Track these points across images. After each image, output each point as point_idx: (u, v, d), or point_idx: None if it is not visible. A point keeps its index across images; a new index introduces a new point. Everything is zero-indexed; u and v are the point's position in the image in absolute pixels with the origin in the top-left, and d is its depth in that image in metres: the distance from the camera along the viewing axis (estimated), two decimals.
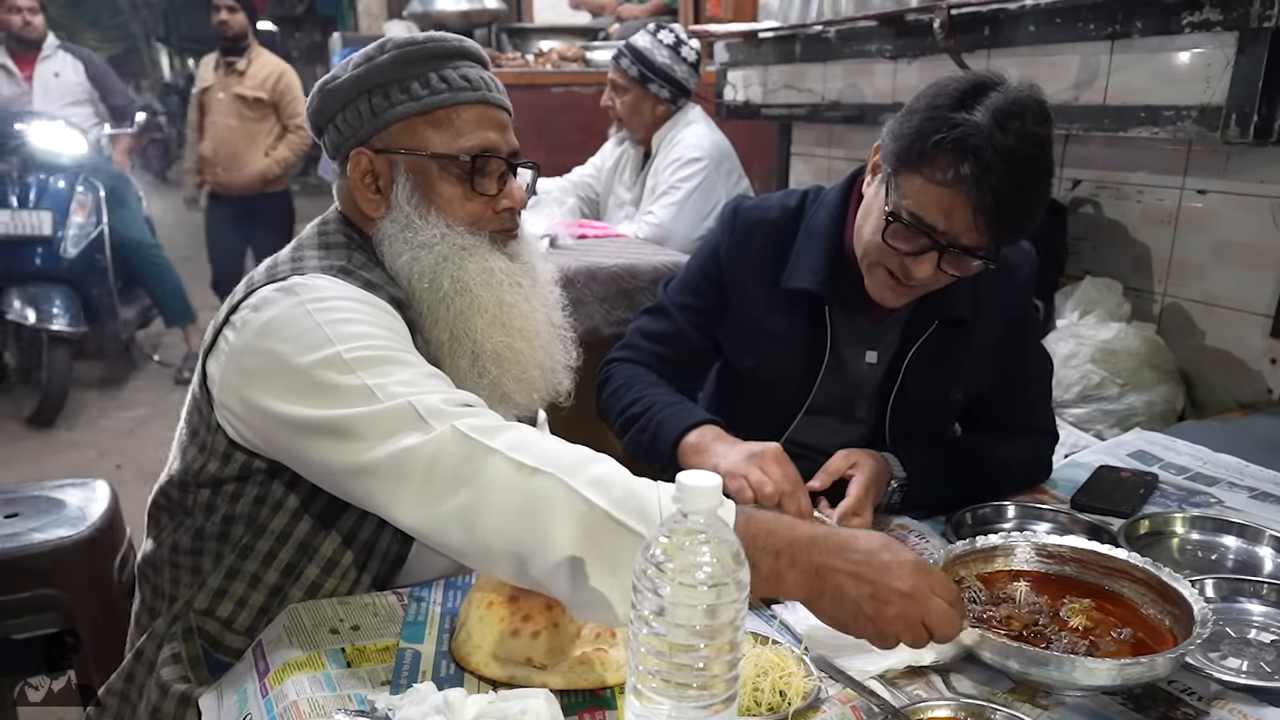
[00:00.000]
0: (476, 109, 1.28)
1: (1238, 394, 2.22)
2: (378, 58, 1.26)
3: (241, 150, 5.32)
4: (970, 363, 1.56)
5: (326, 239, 1.30)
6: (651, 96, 3.07)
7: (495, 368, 1.28)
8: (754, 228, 1.61)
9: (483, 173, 1.28)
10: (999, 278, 1.50)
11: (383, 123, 1.26)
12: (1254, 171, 2.11)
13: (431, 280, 1.25)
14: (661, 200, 3.01)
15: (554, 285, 1.42)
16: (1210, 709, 1.00)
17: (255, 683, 1.08)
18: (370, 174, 1.28)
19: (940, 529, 1.42)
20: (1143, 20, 2.16)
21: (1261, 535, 1.35)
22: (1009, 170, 1.27)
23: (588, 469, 0.99)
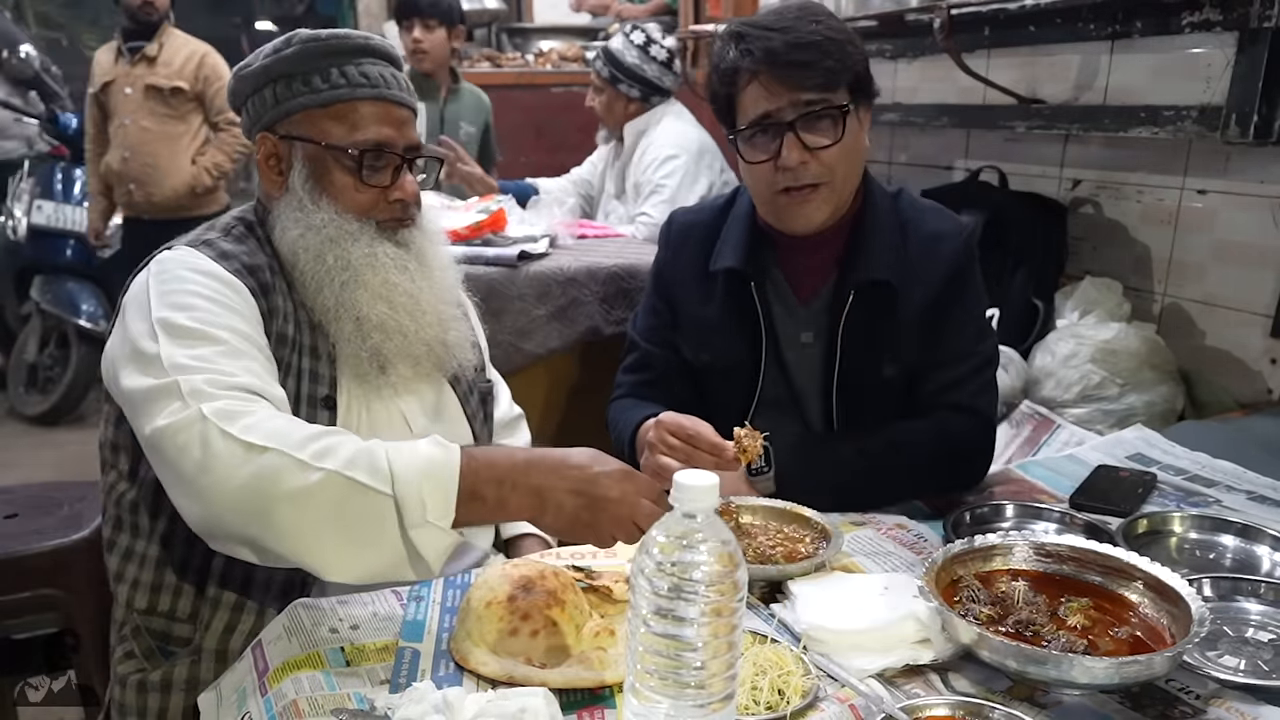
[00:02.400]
0: (373, 105, 1.33)
1: (1238, 394, 2.21)
2: (284, 50, 1.33)
3: (161, 158, 4.15)
4: (898, 333, 1.56)
5: (219, 220, 1.40)
6: (623, 96, 3.15)
7: (379, 334, 1.34)
8: (688, 231, 1.71)
9: (374, 166, 1.34)
10: (926, 243, 1.57)
11: (284, 111, 1.33)
12: (1254, 171, 2.11)
13: (316, 255, 1.33)
14: (651, 200, 3.03)
15: (451, 270, 1.48)
16: (1208, 708, 1.00)
17: (254, 681, 1.08)
18: (274, 157, 1.36)
19: (939, 529, 1.42)
20: (1143, 20, 2.16)
21: (1260, 535, 1.34)
22: (770, 32, 1.44)
23: (317, 442, 1.07)
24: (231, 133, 4.22)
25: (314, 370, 1.32)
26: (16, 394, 4.90)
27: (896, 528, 1.44)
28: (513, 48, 5.47)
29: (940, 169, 3.07)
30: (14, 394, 4.91)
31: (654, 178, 3.04)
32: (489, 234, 2.51)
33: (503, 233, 2.53)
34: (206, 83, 4.17)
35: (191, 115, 4.21)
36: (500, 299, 2.34)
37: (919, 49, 2.98)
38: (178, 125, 4.18)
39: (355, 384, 1.36)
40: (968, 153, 2.95)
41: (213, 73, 4.17)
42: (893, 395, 1.62)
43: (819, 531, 1.35)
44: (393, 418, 1.39)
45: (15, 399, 4.89)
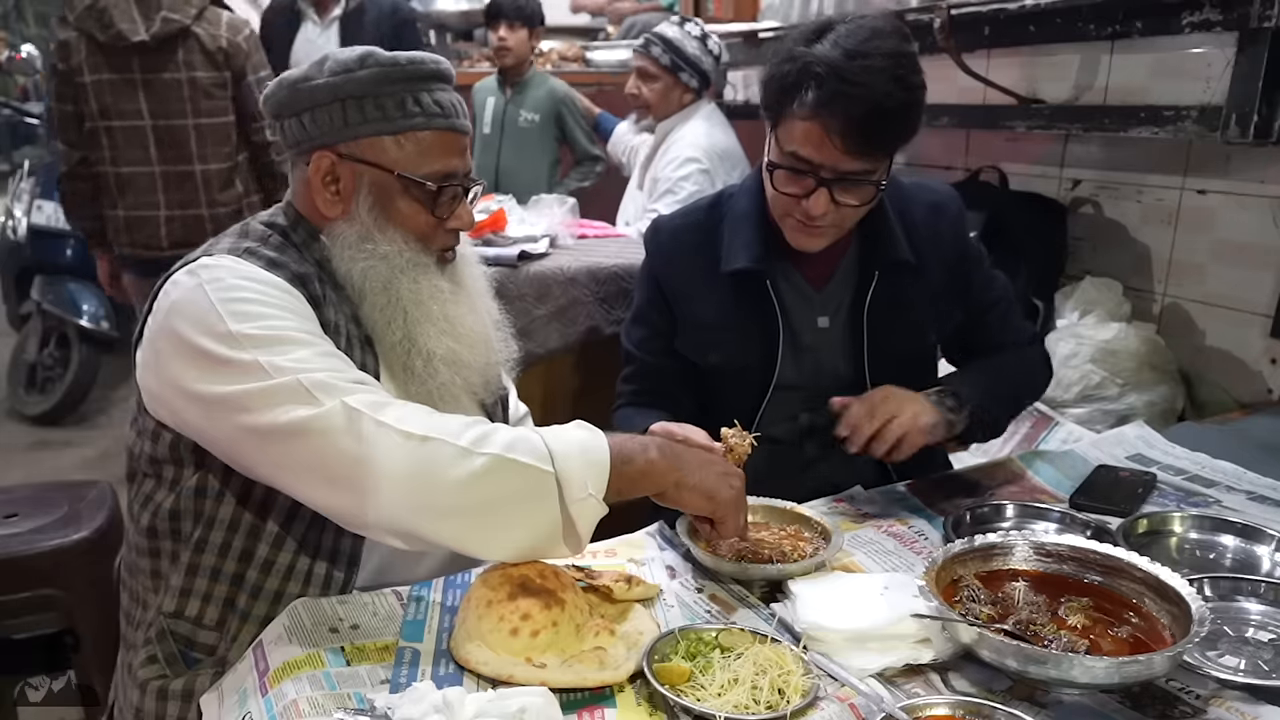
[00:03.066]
0: (444, 135, 1.31)
1: (1238, 394, 2.22)
2: (357, 71, 1.27)
3: None
4: (930, 304, 1.62)
5: (248, 227, 1.34)
6: (681, 85, 3.10)
7: (447, 369, 1.32)
8: (677, 234, 1.68)
9: (443, 197, 1.32)
10: (929, 219, 1.61)
11: (353, 134, 1.28)
12: (1254, 171, 2.11)
13: (385, 287, 1.29)
14: (664, 199, 3.02)
15: (490, 296, 1.49)
16: (1208, 707, 1.00)
17: (255, 681, 1.08)
18: (331, 176, 1.30)
19: (939, 529, 1.42)
20: (1143, 20, 2.16)
21: (1260, 534, 1.34)
22: (853, 87, 1.34)
23: (471, 430, 1.10)
24: None
25: None
26: (16, 394, 4.90)
27: (897, 524, 1.44)
28: None
29: (940, 169, 3.07)
30: (14, 394, 4.91)
31: (671, 176, 3.02)
32: (489, 234, 2.51)
33: (503, 233, 2.53)
34: None
35: None
36: (500, 299, 2.31)
37: (919, 49, 2.98)
38: None
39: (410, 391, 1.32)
40: (968, 153, 2.95)
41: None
42: (928, 361, 1.71)
43: (819, 531, 1.35)
44: None
45: (15, 399, 4.90)
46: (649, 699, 1.02)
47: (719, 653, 1.06)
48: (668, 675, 1.01)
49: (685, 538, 1.31)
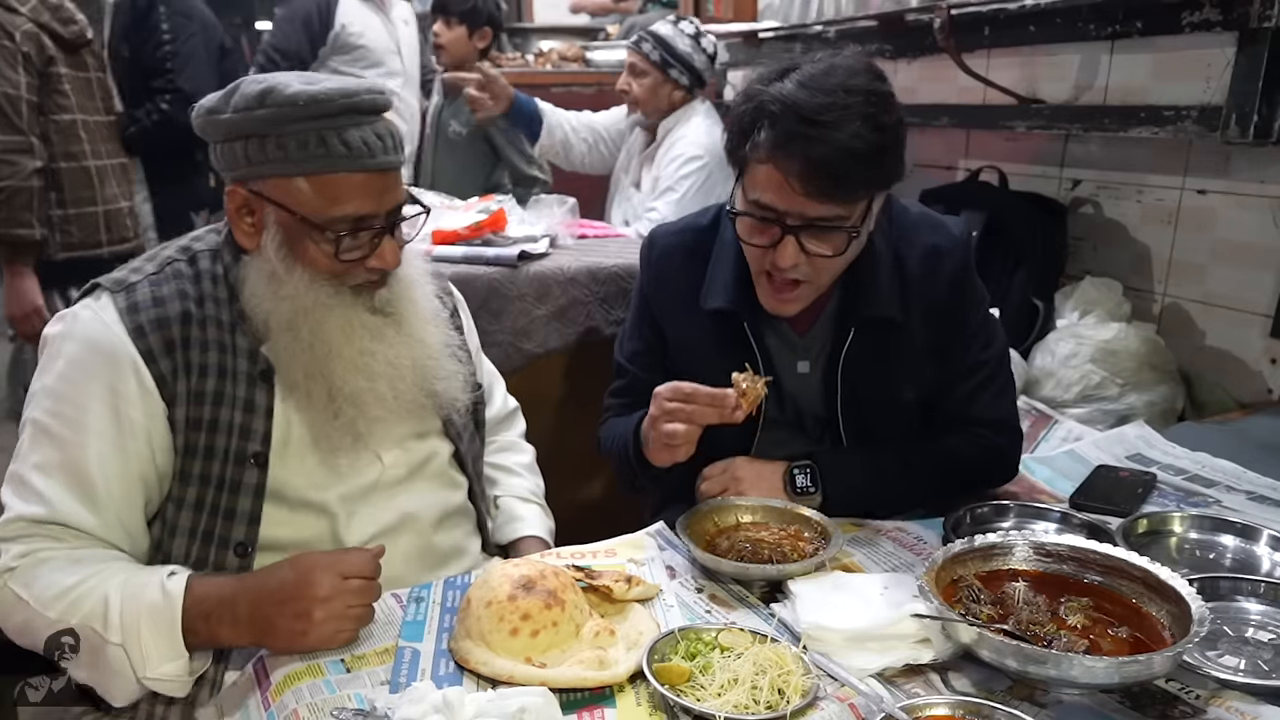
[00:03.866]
0: (353, 177, 1.24)
1: (1238, 394, 2.22)
2: (256, 110, 1.21)
3: None
4: (913, 361, 1.50)
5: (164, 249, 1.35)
6: (670, 82, 3.09)
7: (352, 409, 1.30)
8: (669, 255, 1.60)
9: (353, 241, 1.26)
10: (925, 265, 1.48)
11: (257, 173, 1.24)
12: (1254, 171, 2.11)
13: (289, 326, 1.27)
14: (665, 197, 3.02)
15: (435, 319, 1.42)
16: (1208, 707, 1.00)
17: (258, 699, 1.08)
18: (245, 209, 1.27)
19: (939, 529, 1.42)
20: (1143, 20, 2.16)
21: (1259, 534, 1.34)
22: (812, 126, 1.24)
23: (68, 596, 1.16)
24: None
25: (246, 426, 1.27)
26: (16, 394, 4.89)
27: (896, 530, 1.44)
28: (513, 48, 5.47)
29: (940, 169, 3.07)
30: (14, 394, 4.90)
31: (673, 174, 3.03)
32: (489, 234, 2.50)
33: (503, 233, 2.53)
34: None
35: None
36: (500, 299, 2.33)
37: (919, 49, 2.98)
38: None
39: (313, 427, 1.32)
40: (968, 153, 2.95)
41: None
42: (906, 415, 1.56)
43: (819, 531, 1.35)
44: (359, 453, 1.35)
45: (15, 399, 4.89)
46: (649, 699, 1.02)
47: (719, 653, 1.05)
48: (668, 675, 1.01)
49: (685, 538, 1.31)
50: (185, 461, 1.26)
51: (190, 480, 1.27)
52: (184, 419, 1.25)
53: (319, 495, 1.32)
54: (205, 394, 1.26)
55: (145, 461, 1.25)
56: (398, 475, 1.39)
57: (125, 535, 1.26)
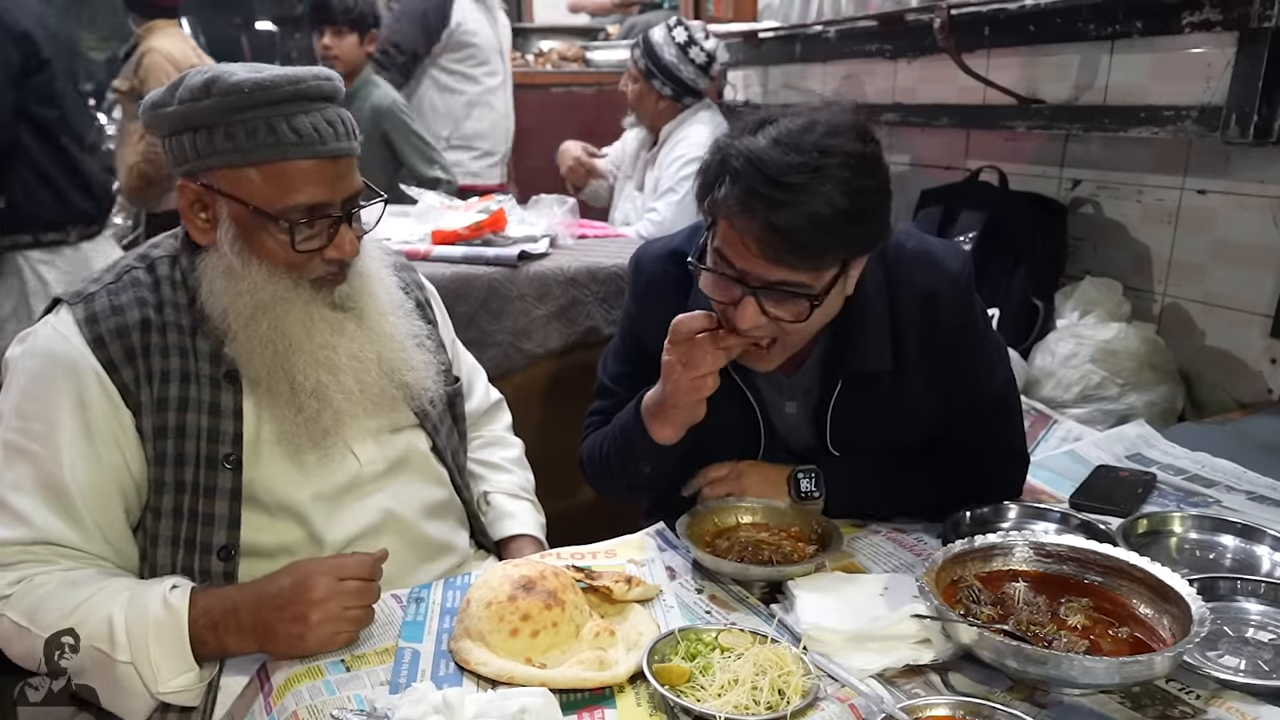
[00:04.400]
0: (306, 164, 1.22)
1: (1238, 394, 2.21)
2: (201, 100, 1.19)
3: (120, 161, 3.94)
4: (911, 406, 1.42)
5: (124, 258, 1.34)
6: (654, 92, 3.10)
7: (315, 403, 1.29)
8: (656, 282, 1.52)
9: (308, 230, 1.25)
10: (921, 312, 1.39)
11: (206, 165, 1.22)
12: (1254, 171, 2.11)
13: (248, 323, 1.26)
14: (665, 198, 3.02)
15: (397, 311, 1.41)
16: (1208, 707, 1.00)
17: (261, 704, 1.09)
18: (198, 204, 1.26)
19: (938, 529, 1.42)
20: (1143, 20, 2.16)
21: (1259, 534, 1.34)
22: (775, 188, 1.15)
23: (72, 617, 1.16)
24: None
25: (214, 428, 1.26)
26: None
27: (896, 530, 1.44)
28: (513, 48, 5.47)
29: (940, 169, 3.07)
30: None
31: (674, 175, 3.03)
32: (489, 234, 2.50)
33: (503, 233, 2.53)
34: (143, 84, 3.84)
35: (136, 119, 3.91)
36: (500, 299, 2.33)
37: (919, 49, 2.98)
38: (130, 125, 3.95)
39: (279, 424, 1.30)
40: (968, 153, 2.95)
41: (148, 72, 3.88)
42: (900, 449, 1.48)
43: (819, 531, 1.35)
44: (332, 451, 1.34)
45: None
46: (649, 699, 1.02)
47: (719, 653, 1.05)
48: (668, 675, 1.01)
49: (685, 538, 1.31)
50: (157, 470, 1.25)
51: (165, 488, 1.26)
52: (151, 427, 1.24)
53: (293, 495, 1.32)
54: (169, 400, 1.25)
55: (120, 470, 1.24)
56: (376, 471, 1.39)
57: (110, 547, 1.25)
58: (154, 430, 1.24)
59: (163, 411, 1.25)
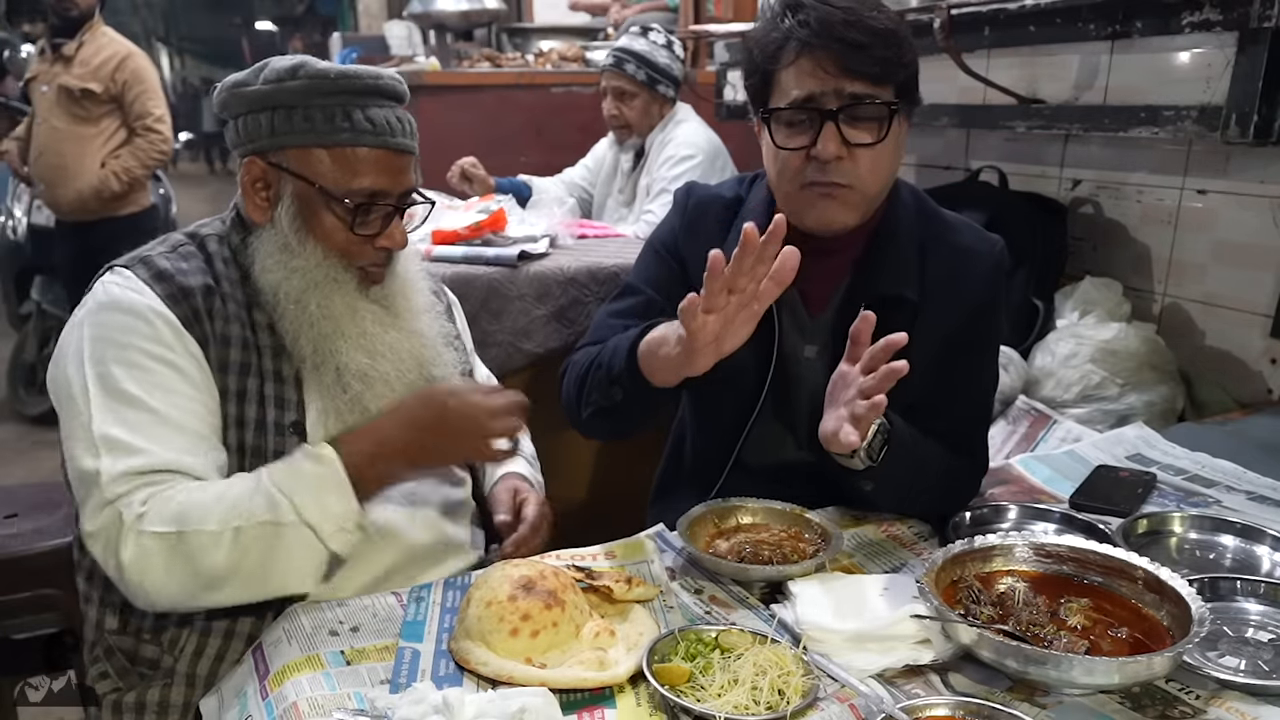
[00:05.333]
0: (374, 153, 1.29)
1: (1238, 394, 2.21)
2: (288, 81, 1.27)
3: (68, 159, 4.06)
4: (920, 356, 1.31)
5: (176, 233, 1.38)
6: (660, 97, 3.11)
7: (359, 384, 1.33)
8: (706, 206, 1.58)
9: (366, 216, 1.31)
10: (953, 258, 1.45)
11: (279, 143, 1.29)
12: (1254, 171, 2.11)
13: (298, 302, 1.30)
14: (660, 199, 3.01)
15: (429, 310, 1.47)
16: (1208, 707, 1.00)
17: (255, 685, 1.09)
18: (261, 182, 1.32)
19: (939, 529, 1.42)
20: (1143, 20, 2.16)
21: (1260, 534, 1.35)
22: (836, 10, 1.32)
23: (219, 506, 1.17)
24: (149, 139, 4.11)
25: (279, 395, 1.31)
26: (16, 394, 4.89)
27: (897, 525, 1.44)
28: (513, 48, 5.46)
29: (940, 169, 3.07)
30: (14, 394, 4.90)
31: (667, 175, 3.02)
32: (489, 234, 2.50)
33: (503, 233, 2.53)
34: (125, 86, 4.04)
35: (105, 119, 4.08)
36: (500, 299, 2.34)
37: (919, 49, 2.97)
38: (88, 128, 4.06)
39: (327, 403, 1.34)
40: (968, 153, 2.95)
41: (133, 76, 4.04)
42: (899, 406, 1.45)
43: (819, 532, 1.35)
44: None
45: (15, 399, 4.89)
46: (649, 700, 1.02)
47: (719, 653, 1.06)
48: (668, 676, 1.01)
49: (685, 539, 1.31)
50: (224, 431, 1.28)
51: (229, 450, 1.28)
52: (220, 387, 1.28)
53: None
54: (230, 364, 1.28)
55: (214, 409, 1.27)
56: None
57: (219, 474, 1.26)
58: (220, 390, 1.27)
59: (225, 374, 1.28)
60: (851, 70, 1.33)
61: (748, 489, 1.44)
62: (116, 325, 1.24)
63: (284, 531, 1.17)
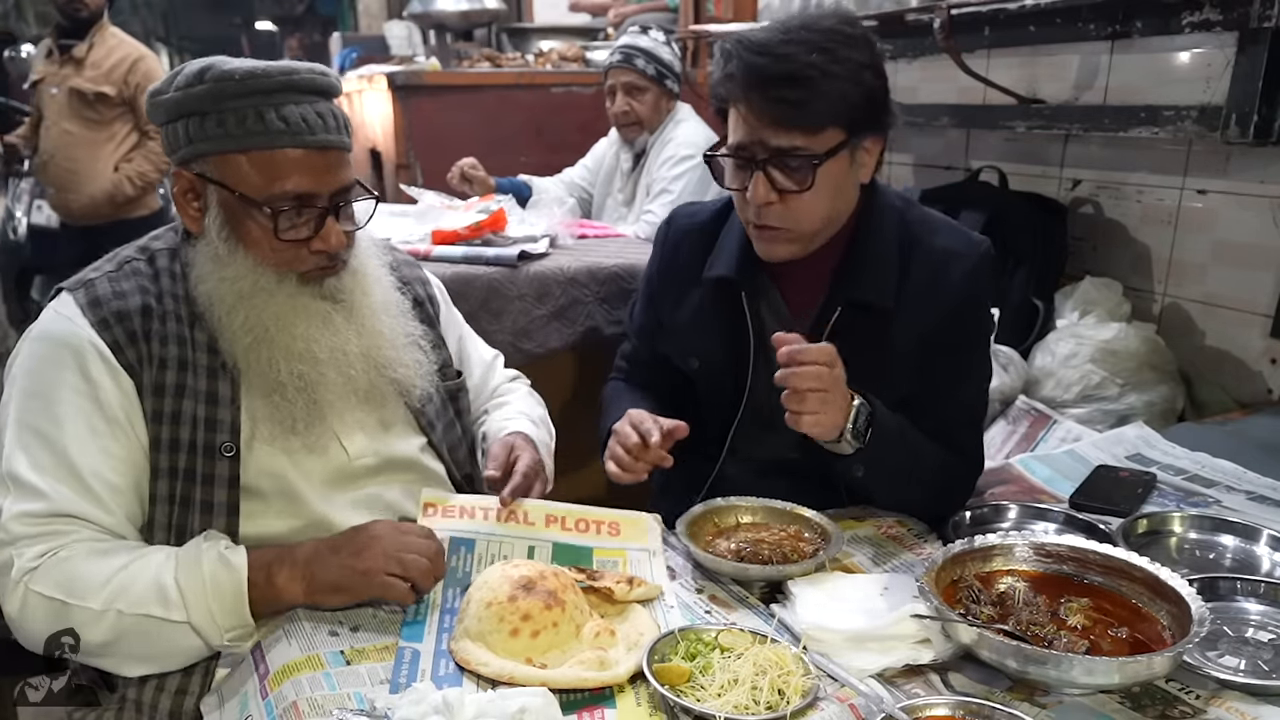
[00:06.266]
0: (294, 154, 1.23)
1: (1238, 394, 2.21)
2: (196, 86, 1.22)
3: (81, 164, 3.99)
4: (891, 360, 1.45)
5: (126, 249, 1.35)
6: (668, 92, 3.12)
7: (294, 392, 1.30)
8: (685, 235, 1.64)
9: (295, 220, 1.26)
10: (934, 262, 1.45)
11: (198, 151, 1.24)
12: (1254, 171, 2.11)
13: (229, 310, 1.28)
14: (659, 200, 3.02)
15: (391, 307, 1.42)
16: (1208, 707, 1.00)
17: (255, 684, 1.09)
18: (191, 193, 1.28)
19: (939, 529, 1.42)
20: (1143, 20, 2.16)
21: (1259, 534, 1.35)
22: (761, 55, 1.33)
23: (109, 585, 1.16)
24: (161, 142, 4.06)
25: (211, 418, 1.27)
26: None
27: (897, 524, 1.44)
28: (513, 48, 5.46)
29: (940, 169, 3.07)
30: None
31: (667, 176, 3.03)
32: (489, 234, 2.50)
33: (503, 233, 2.53)
34: (138, 90, 3.92)
35: (117, 122, 4.01)
36: (500, 299, 2.33)
37: (919, 49, 2.98)
38: (100, 131, 3.98)
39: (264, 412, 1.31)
40: (968, 153, 2.95)
41: (145, 79, 3.94)
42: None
43: (819, 532, 1.35)
44: (318, 441, 1.34)
45: None
46: (649, 699, 1.02)
47: (719, 653, 1.06)
48: (668, 675, 1.01)
49: (685, 538, 1.31)
50: (155, 455, 1.26)
51: (161, 475, 1.27)
52: (150, 410, 1.26)
53: (285, 483, 1.32)
54: (166, 386, 1.26)
55: (134, 447, 1.25)
56: (367, 465, 1.39)
57: (129, 524, 1.25)
58: (152, 414, 1.26)
59: (160, 397, 1.26)
60: (779, 123, 1.34)
61: (742, 487, 1.46)
62: (47, 358, 1.24)
63: (168, 626, 1.16)
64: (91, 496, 1.22)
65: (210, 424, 1.27)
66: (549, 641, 1.09)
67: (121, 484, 1.24)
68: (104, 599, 1.15)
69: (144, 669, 1.21)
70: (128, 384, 1.25)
